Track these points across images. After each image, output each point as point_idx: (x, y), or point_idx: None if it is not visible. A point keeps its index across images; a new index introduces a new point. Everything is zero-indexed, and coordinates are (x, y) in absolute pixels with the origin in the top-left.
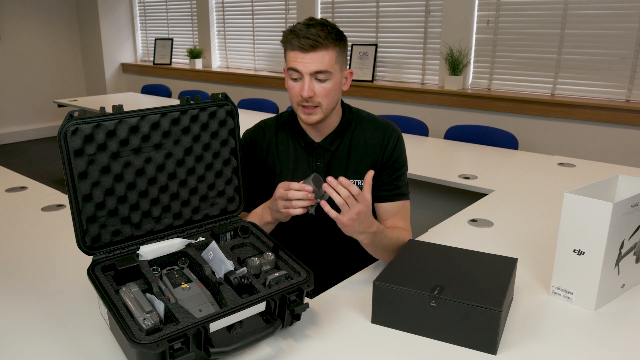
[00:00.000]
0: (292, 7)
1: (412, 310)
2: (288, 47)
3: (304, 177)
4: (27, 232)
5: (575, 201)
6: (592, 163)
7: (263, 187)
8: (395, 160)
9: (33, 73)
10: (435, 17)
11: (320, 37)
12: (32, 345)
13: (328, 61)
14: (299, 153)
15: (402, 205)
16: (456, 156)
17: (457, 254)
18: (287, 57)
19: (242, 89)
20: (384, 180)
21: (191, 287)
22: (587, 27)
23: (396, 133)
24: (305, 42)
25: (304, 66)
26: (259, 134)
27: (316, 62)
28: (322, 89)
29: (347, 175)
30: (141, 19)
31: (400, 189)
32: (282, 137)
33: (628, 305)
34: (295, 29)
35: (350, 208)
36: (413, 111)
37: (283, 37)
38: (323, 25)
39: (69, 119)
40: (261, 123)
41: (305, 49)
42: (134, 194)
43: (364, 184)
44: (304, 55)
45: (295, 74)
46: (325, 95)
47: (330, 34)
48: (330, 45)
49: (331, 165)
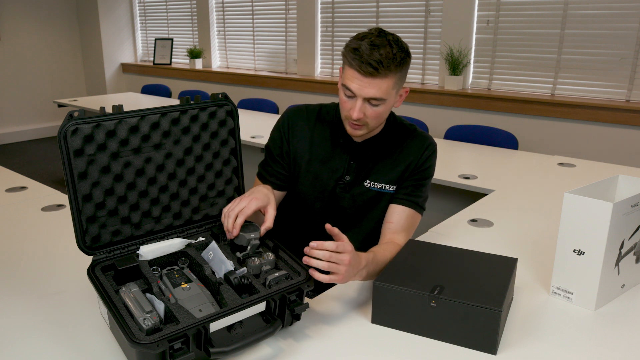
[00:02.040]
0: (292, 7)
1: (412, 310)
2: (347, 64)
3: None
4: (27, 232)
5: (575, 201)
6: (592, 163)
7: (289, 167)
8: (425, 169)
9: (33, 73)
10: (435, 17)
11: (383, 66)
12: (32, 345)
13: (385, 89)
14: (335, 147)
15: (412, 214)
16: (456, 156)
17: (457, 254)
18: (344, 71)
19: (242, 89)
20: (408, 183)
21: (191, 287)
22: (587, 27)
23: (433, 146)
24: (367, 69)
25: (360, 90)
26: (302, 116)
27: (373, 88)
28: (373, 112)
29: (377, 178)
30: (141, 19)
31: (417, 198)
32: (320, 128)
33: (628, 305)
34: (360, 49)
35: (339, 264)
36: (413, 111)
37: (345, 50)
38: (390, 47)
39: (69, 119)
40: (305, 105)
41: (366, 73)
42: (134, 194)
43: (334, 236)
44: (362, 78)
45: (349, 92)
46: (374, 118)
47: (394, 60)
48: (391, 73)
49: (364, 167)
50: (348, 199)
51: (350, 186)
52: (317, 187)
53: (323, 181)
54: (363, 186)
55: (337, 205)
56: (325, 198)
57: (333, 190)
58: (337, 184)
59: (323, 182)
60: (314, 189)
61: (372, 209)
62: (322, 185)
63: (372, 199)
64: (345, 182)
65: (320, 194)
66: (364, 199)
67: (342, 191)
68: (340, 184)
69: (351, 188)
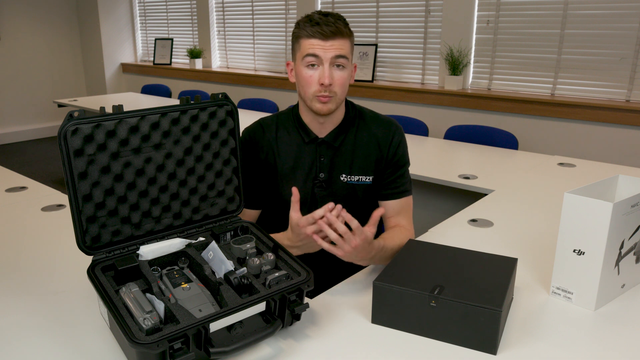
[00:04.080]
0: (292, 7)
1: (412, 310)
2: (305, 35)
3: (306, 174)
4: (27, 232)
5: (575, 201)
6: (592, 163)
7: (263, 185)
8: (399, 157)
9: (33, 73)
10: (435, 17)
11: (339, 25)
12: (32, 345)
13: (347, 48)
14: (302, 149)
15: (405, 201)
16: (456, 156)
17: (457, 254)
18: (302, 45)
19: (242, 89)
20: (388, 178)
21: (191, 287)
22: (587, 27)
23: (399, 130)
24: (327, 29)
25: (325, 52)
26: (258, 133)
27: (337, 47)
28: (340, 77)
29: (351, 171)
30: (141, 19)
31: (404, 186)
32: (283, 134)
33: (628, 305)
34: (314, 18)
35: (345, 242)
36: (413, 111)
37: (297, 28)
38: (338, 16)
39: (69, 119)
40: (260, 121)
41: (327, 35)
42: (134, 194)
43: (370, 220)
44: (324, 42)
45: (314, 60)
46: (341, 85)
47: (346, 24)
48: (347, 34)
49: (335, 162)
50: (328, 196)
51: (327, 183)
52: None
53: (300, 185)
54: (340, 181)
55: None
56: (308, 202)
57: (312, 191)
58: (314, 184)
59: (300, 187)
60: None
61: (354, 201)
62: (301, 190)
63: (351, 192)
64: (320, 179)
65: (302, 199)
66: (344, 194)
67: (321, 189)
68: (317, 183)
69: (329, 185)
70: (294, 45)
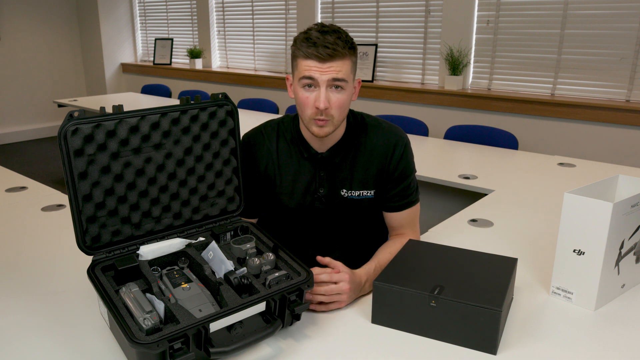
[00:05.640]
0: (292, 7)
1: (412, 310)
2: (301, 55)
3: (305, 188)
4: (27, 232)
5: (575, 201)
6: (592, 163)
7: (261, 196)
8: (402, 170)
9: (33, 73)
10: (435, 17)
11: (339, 46)
12: (32, 345)
13: (345, 70)
14: (301, 164)
15: (412, 211)
16: (456, 156)
17: (457, 254)
18: (299, 65)
19: (242, 89)
20: (392, 191)
21: (191, 287)
22: (587, 27)
23: (402, 141)
24: (324, 51)
25: (321, 75)
26: (259, 139)
27: (334, 70)
28: (337, 99)
29: (352, 186)
30: (141, 19)
31: (409, 197)
32: (283, 145)
33: (628, 305)
34: (311, 37)
35: (341, 294)
36: (413, 111)
37: (295, 45)
38: (338, 33)
39: (69, 119)
40: (261, 128)
41: (324, 58)
42: (134, 194)
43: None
44: (321, 64)
45: (310, 81)
46: (338, 107)
47: (347, 42)
48: (346, 54)
49: (334, 177)
50: (328, 211)
51: (327, 198)
52: (296, 206)
53: (299, 198)
54: (340, 196)
55: (320, 219)
56: (307, 215)
57: (312, 205)
58: (314, 199)
59: (299, 200)
60: (294, 208)
61: (355, 216)
62: (300, 203)
63: (352, 208)
64: (320, 195)
65: (301, 212)
66: (345, 209)
67: (321, 204)
68: (316, 198)
69: (328, 200)
70: (292, 62)
